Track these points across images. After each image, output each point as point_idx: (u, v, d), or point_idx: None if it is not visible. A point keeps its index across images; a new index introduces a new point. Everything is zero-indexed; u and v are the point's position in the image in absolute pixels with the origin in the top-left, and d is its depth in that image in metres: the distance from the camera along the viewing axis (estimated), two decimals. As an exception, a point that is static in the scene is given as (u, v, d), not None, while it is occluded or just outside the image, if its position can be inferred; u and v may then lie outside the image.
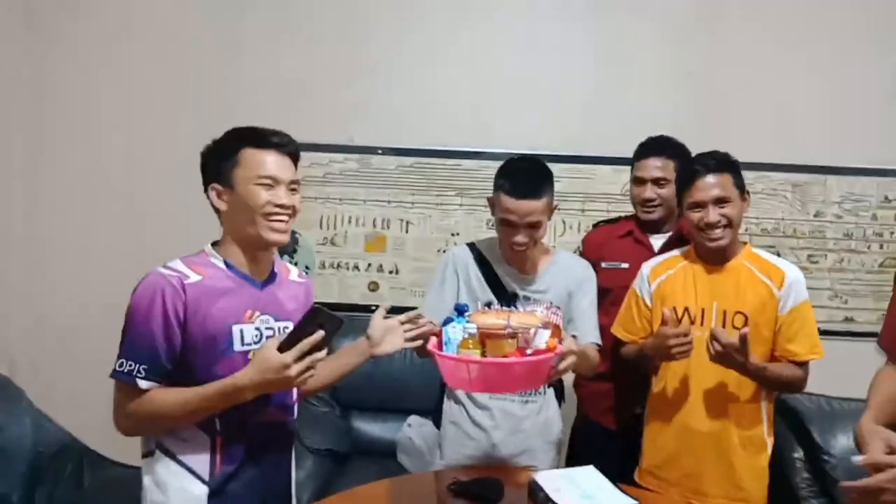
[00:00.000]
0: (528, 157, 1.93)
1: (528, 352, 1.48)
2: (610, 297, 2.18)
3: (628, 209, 2.44)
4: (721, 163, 1.85)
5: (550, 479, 1.58)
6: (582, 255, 2.43)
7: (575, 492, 1.54)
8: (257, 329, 1.47)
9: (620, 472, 1.83)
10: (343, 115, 2.97)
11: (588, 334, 1.90)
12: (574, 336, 1.84)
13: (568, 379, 2.05)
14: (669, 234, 2.28)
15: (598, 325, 1.94)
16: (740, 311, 1.83)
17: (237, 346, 1.44)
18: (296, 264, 2.96)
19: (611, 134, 2.89)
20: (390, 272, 3.02)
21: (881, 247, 3.02)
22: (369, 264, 3.02)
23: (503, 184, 1.81)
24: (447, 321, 1.59)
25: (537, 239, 1.84)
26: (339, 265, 3.02)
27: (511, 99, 2.96)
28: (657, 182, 2.22)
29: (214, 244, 1.52)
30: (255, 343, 1.46)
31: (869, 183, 2.99)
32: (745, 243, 1.93)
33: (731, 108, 2.92)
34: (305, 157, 3.03)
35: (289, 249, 3.00)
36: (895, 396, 1.49)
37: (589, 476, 1.63)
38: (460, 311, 1.59)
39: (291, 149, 1.50)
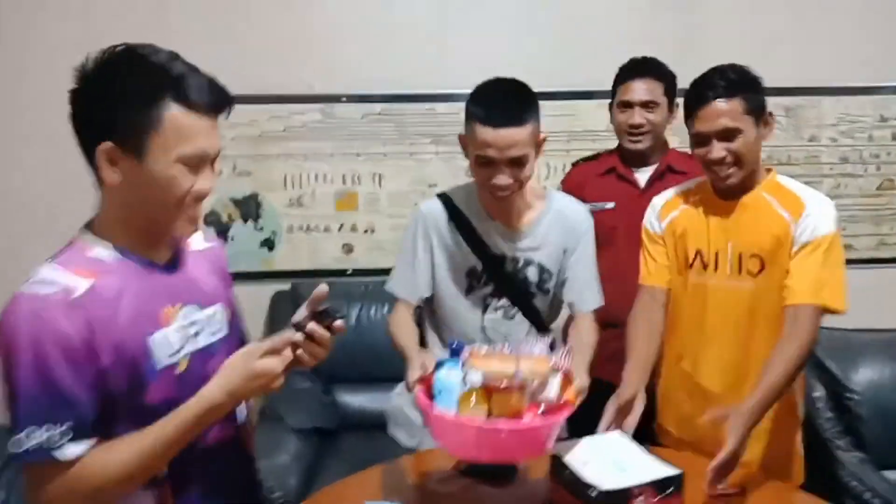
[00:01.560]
0: (506, 77, 1.58)
1: (541, 409, 1.26)
2: (597, 240, 2.00)
3: (615, 146, 2.26)
4: (732, 84, 1.55)
5: (575, 453, 1.38)
6: None
7: (605, 462, 1.34)
8: (182, 329, 1.10)
9: (635, 429, 1.67)
10: (300, 61, 2.70)
11: (588, 300, 1.69)
12: (572, 303, 1.67)
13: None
14: (656, 166, 2.11)
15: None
16: (756, 254, 1.60)
17: (162, 362, 1.06)
18: (261, 230, 2.77)
19: (591, 66, 2.66)
20: (365, 231, 2.81)
21: (878, 168, 2.90)
22: (342, 224, 2.80)
23: (476, 111, 1.51)
24: (439, 365, 1.34)
25: (523, 180, 1.54)
26: (308, 227, 2.79)
27: (484, 35, 2.73)
28: (646, 106, 2.05)
29: (88, 225, 1.09)
30: (181, 350, 1.09)
31: (865, 102, 2.85)
32: (769, 170, 1.66)
33: (716, 31, 2.74)
34: (263, 110, 2.86)
35: (252, 214, 2.75)
36: None
37: (616, 443, 1.44)
38: (455, 351, 1.34)
39: (229, 108, 1.07)
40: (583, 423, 1.47)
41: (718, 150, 1.55)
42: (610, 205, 2.12)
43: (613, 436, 1.47)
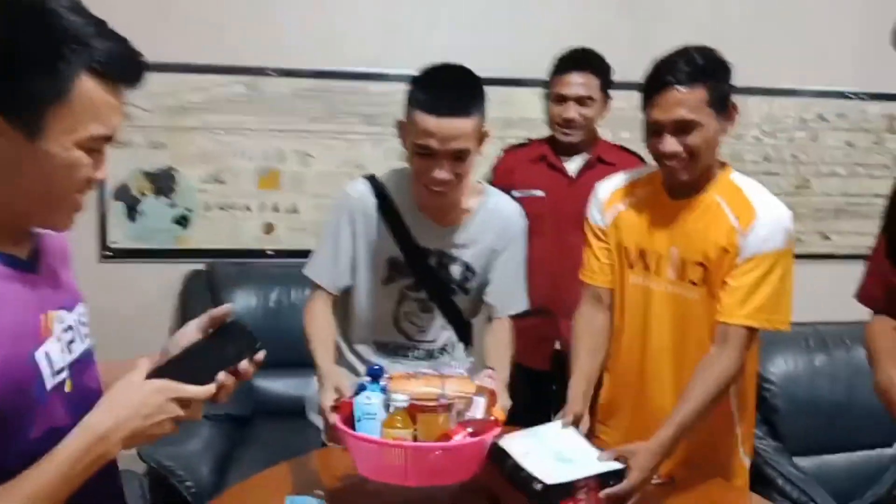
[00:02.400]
0: (453, 64, 1.46)
1: (469, 429, 1.21)
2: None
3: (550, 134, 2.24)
4: (696, 70, 1.37)
5: (516, 442, 1.31)
6: (492, 182, 2.21)
7: (547, 454, 1.29)
8: (58, 340, 0.90)
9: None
10: (226, 30, 2.54)
11: (510, 305, 1.61)
12: (494, 306, 1.59)
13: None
14: (587, 156, 2.11)
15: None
16: (700, 262, 1.45)
17: (49, 382, 0.87)
18: (175, 206, 2.59)
19: (526, 53, 2.64)
20: (288, 211, 2.67)
21: (797, 168, 3.00)
22: (263, 203, 2.66)
23: (419, 97, 1.40)
24: (360, 389, 1.26)
25: (463, 174, 1.44)
26: (227, 206, 2.64)
27: (422, 16, 2.65)
28: (580, 101, 2.04)
29: None
30: (65, 366, 0.90)
31: (788, 104, 2.94)
32: (724, 165, 1.49)
33: (649, 27, 2.74)
34: (182, 80, 2.68)
35: (165, 189, 2.58)
36: None
37: (558, 433, 1.39)
38: (374, 375, 1.27)
39: (142, 79, 0.88)
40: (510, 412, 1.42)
41: (672, 143, 1.39)
42: (539, 192, 2.11)
43: (556, 426, 1.41)
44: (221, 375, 0.92)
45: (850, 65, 2.91)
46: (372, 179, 1.59)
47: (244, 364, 0.95)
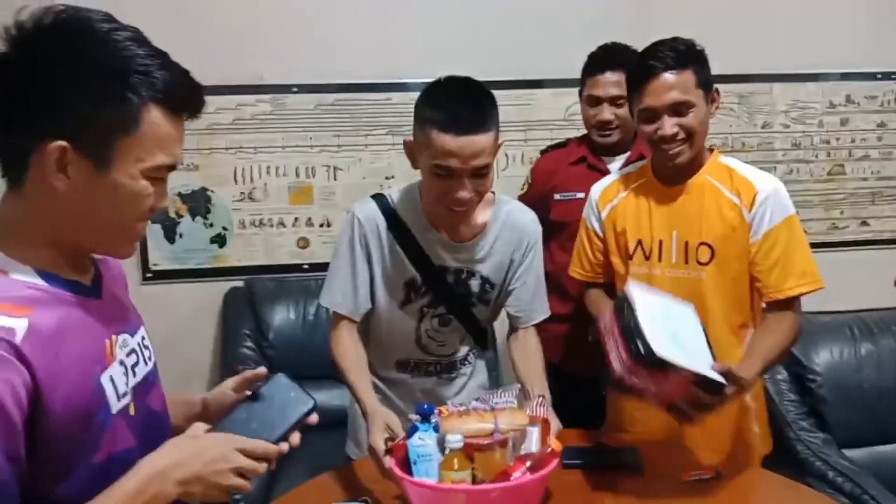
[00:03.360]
0: (460, 77, 1.42)
1: (528, 463, 1.19)
2: (567, 231, 1.97)
3: (573, 135, 2.24)
4: (681, 55, 1.44)
5: (645, 299, 1.30)
6: (531, 187, 2.22)
7: (667, 327, 1.27)
8: (121, 364, 0.91)
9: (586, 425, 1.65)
10: (249, 50, 2.58)
11: (535, 314, 1.60)
12: (518, 316, 1.59)
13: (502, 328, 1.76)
14: (627, 154, 2.08)
15: (558, 265, 1.71)
16: (705, 242, 1.50)
17: (114, 406, 0.88)
18: (211, 226, 2.65)
19: (546, 54, 2.66)
20: (321, 225, 2.71)
21: (828, 154, 2.94)
22: (296, 218, 2.70)
23: (433, 115, 1.33)
24: (412, 430, 1.23)
25: (483, 192, 1.40)
26: (261, 222, 2.68)
27: (438, 23, 2.66)
28: (614, 101, 1.99)
29: None
30: (127, 390, 0.91)
31: (814, 89, 2.89)
32: (712, 150, 1.56)
33: (671, 18, 2.71)
34: (210, 101, 2.64)
35: (201, 210, 2.63)
36: None
37: (688, 318, 1.38)
38: (425, 415, 1.24)
39: (202, 109, 0.91)
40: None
41: (670, 125, 1.44)
42: (581, 194, 2.03)
43: (689, 311, 1.40)
44: (296, 438, 0.94)
45: (878, 45, 2.84)
46: (380, 200, 1.53)
47: (296, 438, 0.95)
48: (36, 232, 0.85)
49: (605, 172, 2.04)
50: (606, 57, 2.02)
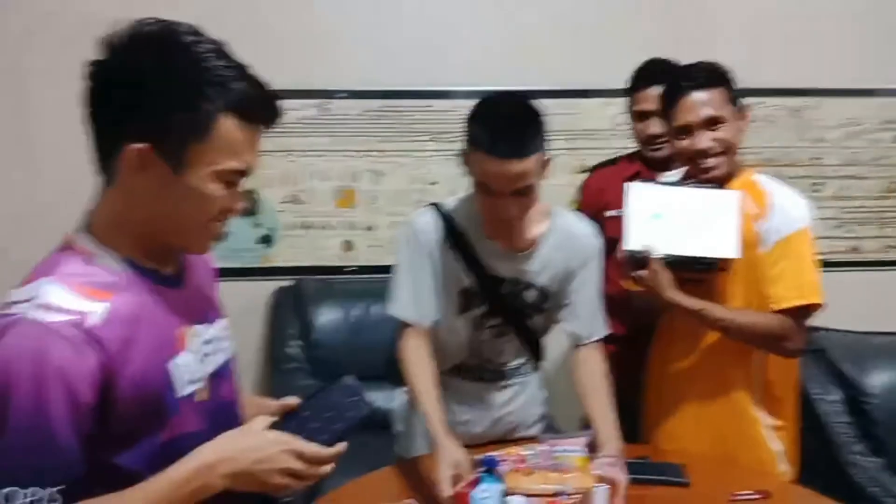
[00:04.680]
0: (510, 94, 1.47)
1: None
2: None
3: (618, 145, 2.21)
4: (711, 75, 1.53)
5: (650, 198, 1.55)
6: (581, 204, 2.20)
7: (691, 217, 1.51)
8: (194, 352, 0.96)
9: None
10: (296, 55, 2.62)
11: (596, 330, 1.59)
12: (579, 334, 1.59)
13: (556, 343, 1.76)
14: (686, 168, 2.04)
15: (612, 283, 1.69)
16: None
17: (181, 391, 0.93)
18: (259, 226, 2.68)
19: (591, 63, 2.64)
20: (365, 229, 2.73)
21: (883, 171, 2.86)
22: (340, 222, 2.73)
23: (479, 137, 1.36)
24: (480, 479, 1.23)
25: (528, 207, 1.43)
26: (307, 224, 2.72)
27: (483, 31, 2.66)
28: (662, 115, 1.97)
29: (85, 228, 0.93)
30: (198, 378, 0.96)
31: (868, 104, 2.82)
32: (747, 167, 1.62)
33: (718, 29, 2.69)
34: None
35: (249, 211, 2.68)
36: None
37: (714, 204, 1.53)
38: (490, 466, 1.22)
39: (277, 120, 0.95)
40: None
41: (705, 139, 1.51)
42: None
43: (732, 195, 1.52)
44: (342, 446, 0.93)
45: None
46: (438, 209, 1.55)
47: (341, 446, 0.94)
48: (125, 225, 0.92)
49: None
50: (651, 72, 2.03)
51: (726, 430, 1.58)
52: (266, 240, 2.70)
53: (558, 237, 1.54)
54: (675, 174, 2.03)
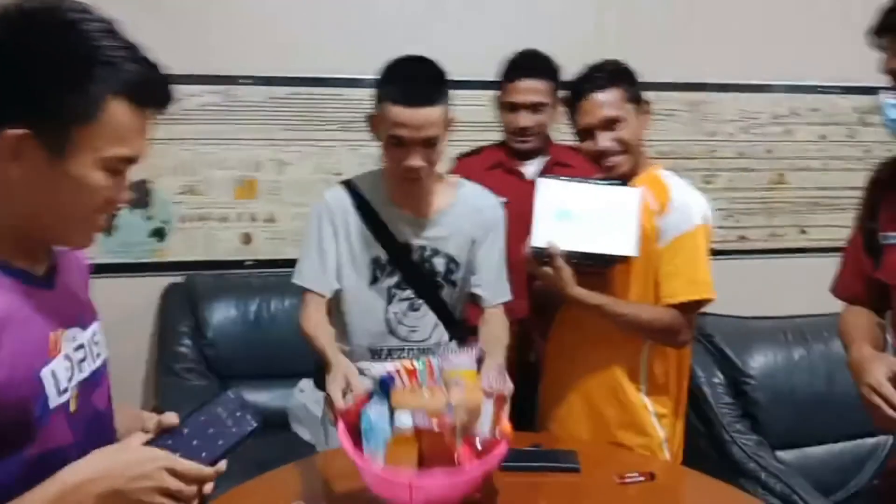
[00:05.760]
0: (416, 56, 1.53)
1: (478, 446, 1.20)
2: None
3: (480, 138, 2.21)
4: (609, 75, 1.57)
5: (558, 194, 1.56)
6: None
7: (598, 216, 1.53)
8: (67, 358, 0.90)
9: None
10: (198, 39, 2.51)
11: (499, 293, 1.65)
12: (483, 296, 1.63)
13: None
14: (544, 159, 2.09)
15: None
16: None
17: (53, 401, 0.86)
18: (150, 219, 2.56)
19: (473, 56, 2.52)
20: (266, 221, 2.65)
21: (770, 164, 3.02)
22: (240, 213, 2.64)
23: (388, 90, 1.46)
24: (370, 396, 1.26)
25: (434, 161, 1.50)
26: (203, 217, 2.61)
27: (392, 18, 2.63)
28: (534, 108, 2.00)
29: None
30: (70, 383, 0.89)
31: (760, 100, 2.96)
32: (654, 162, 1.67)
33: (625, 26, 2.76)
34: None
35: (140, 202, 2.55)
36: (871, 327, 1.38)
37: (619, 201, 1.54)
38: (384, 386, 1.24)
39: (170, 104, 0.89)
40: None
41: (604, 140, 1.55)
42: (501, 199, 2.07)
43: (634, 192, 1.55)
44: (223, 465, 0.88)
45: (822, 59, 2.92)
46: (347, 183, 1.62)
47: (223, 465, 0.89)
48: None
49: (522, 176, 2.06)
50: (524, 63, 2.03)
51: (614, 418, 1.63)
52: (159, 233, 2.58)
53: (464, 207, 1.61)
54: (536, 164, 2.08)
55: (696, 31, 2.84)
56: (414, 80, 1.47)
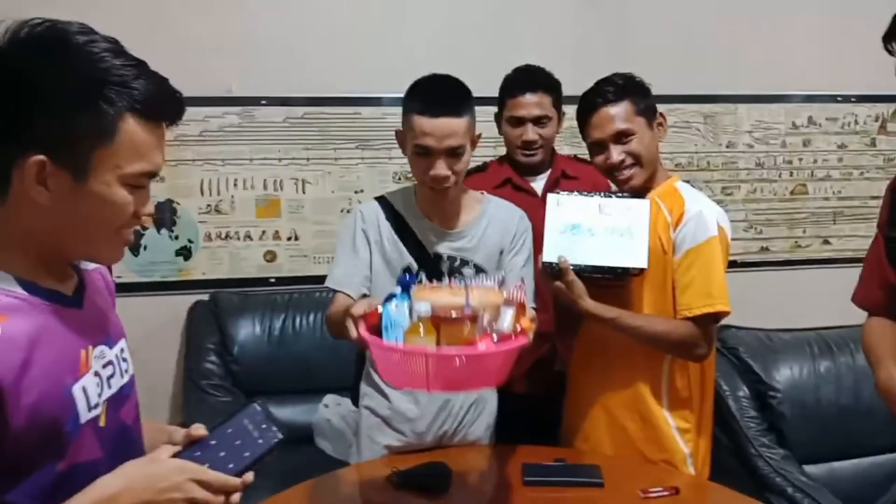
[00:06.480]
0: (442, 74, 1.60)
1: (495, 339, 1.20)
2: None
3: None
4: (619, 89, 1.57)
5: (568, 209, 1.56)
6: None
7: (614, 226, 1.54)
8: (97, 374, 0.92)
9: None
10: (218, 62, 2.57)
11: (530, 299, 1.64)
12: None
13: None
14: (550, 173, 2.09)
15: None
16: None
17: (84, 416, 0.88)
18: (176, 238, 2.61)
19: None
20: (288, 239, 2.69)
21: (791, 174, 3.01)
22: (263, 231, 2.68)
23: (414, 104, 1.53)
24: (388, 298, 1.26)
25: (459, 172, 1.53)
26: (227, 235, 2.66)
27: (408, 38, 2.66)
28: (538, 121, 2.00)
29: None
30: (99, 402, 0.91)
31: (778, 110, 2.96)
32: (671, 176, 1.67)
33: (635, 38, 2.77)
34: None
35: (166, 223, 2.60)
36: None
37: (630, 214, 1.55)
38: (405, 286, 1.27)
39: (181, 116, 0.92)
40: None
41: (616, 153, 1.55)
42: None
43: (643, 204, 1.55)
44: (250, 476, 0.90)
45: (839, 68, 2.92)
46: (379, 198, 1.69)
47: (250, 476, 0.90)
48: (18, 241, 0.86)
49: (531, 192, 2.06)
50: (525, 78, 2.04)
51: (636, 433, 1.62)
52: (184, 252, 2.63)
53: (490, 218, 1.66)
54: (542, 179, 2.08)
55: (712, 42, 2.84)
56: (438, 92, 1.54)
